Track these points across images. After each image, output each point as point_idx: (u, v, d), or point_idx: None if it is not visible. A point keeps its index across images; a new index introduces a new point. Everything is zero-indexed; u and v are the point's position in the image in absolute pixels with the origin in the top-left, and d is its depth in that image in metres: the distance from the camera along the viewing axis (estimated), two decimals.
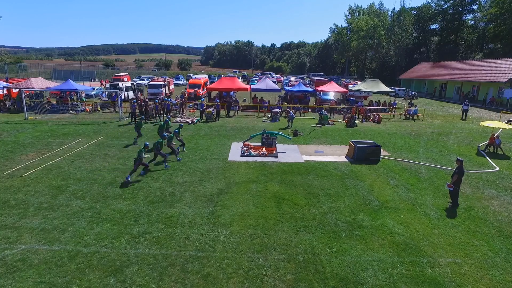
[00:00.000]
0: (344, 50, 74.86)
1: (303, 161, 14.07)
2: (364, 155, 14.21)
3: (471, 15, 55.54)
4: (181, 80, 53.90)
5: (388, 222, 8.86)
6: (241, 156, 14.44)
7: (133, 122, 20.73)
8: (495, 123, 17.26)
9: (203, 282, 6.26)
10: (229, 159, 14.11)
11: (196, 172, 12.38)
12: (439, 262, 7.09)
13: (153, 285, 6.11)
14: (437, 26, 61.46)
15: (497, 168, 13.72)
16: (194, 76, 42.61)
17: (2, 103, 25.94)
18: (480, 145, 17.28)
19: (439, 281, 6.46)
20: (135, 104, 21.00)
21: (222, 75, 50.64)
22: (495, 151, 16.08)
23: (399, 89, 42.42)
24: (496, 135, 16.78)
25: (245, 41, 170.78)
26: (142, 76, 54.27)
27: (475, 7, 54.14)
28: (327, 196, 10.43)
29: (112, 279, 6.26)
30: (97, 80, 53.33)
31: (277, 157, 14.42)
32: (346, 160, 14.38)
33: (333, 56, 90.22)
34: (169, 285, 6.13)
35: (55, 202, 9.55)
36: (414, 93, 41.67)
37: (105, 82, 44.68)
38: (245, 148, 15.18)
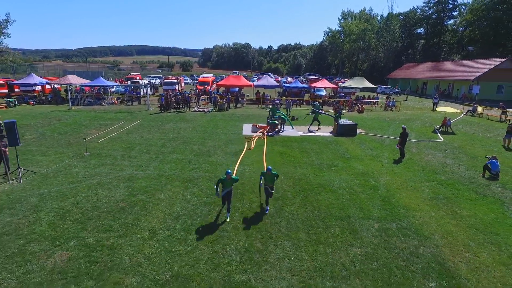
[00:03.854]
0: (338, 52, 79.93)
1: (299, 135, 18.81)
2: (344, 131, 18.97)
3: (452, 21, 60.99)
4: (187, 80, 58.53)
5: (354, 164, 13.56)
6: (252, 131, 19.15)
7: (162, 112, 25.33)
8: (446, 108, 22.17)
9: (242, 187, 10.90)
10: (243, 134, 18.81)
11: (221, 140, 17.05)
12: (379, 179, 11.81)
13: (214, 186, 10.74)
14: (422, 30, 66.77)
15: (442, 139, 18.58)
16: (203, 75, 47.32)
17: (44, 97, 30.33)
18: (437, 126, 22.09)
19: (376, 186, 11.16)
20: (163, 97, 25.67)
21: (224, 76, 55.45)
22: (446, 130, 20.90)
23: (385, 87, 47.42)
24: (448, 118, 21.63)
25: (243, 43, 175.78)
26: (151, 76, 58.80)
27: (455, 13, 59.59)
28: (315, 153, 15.14)
29: (189, 184, 10.89)
30: (111, 79, 57.57)
31: (279, 133, 19.15)
32: (331, 135, 19.14)
33: (327, 58, 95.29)
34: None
35: (131, 154, 14.15)
36: (398, 90, 46.66)
37: (120, 81, 49.08)
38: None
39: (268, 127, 19.70)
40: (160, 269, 6.37)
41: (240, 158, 13.78)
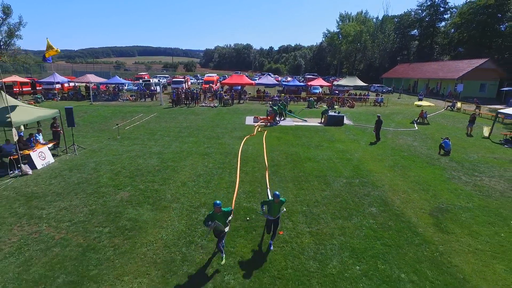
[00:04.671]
0: (336, 53, 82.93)
1: (294, 125, 21.96)
2: (333, 121, 22.09)
3: (444, 23, 64.04)
4: (192, 79, 61.75)
5: (337, 145, 16.69)
6: (253, 122, 22.31)
7: (173, 107, 28.48)
8: (422, 102, 25.26)
9: (246, 158, 14.03)
10: (246, 123, 21.97)
11: (228, 128, 20.20)
12: (354, 154, 14.92)
13: (224, 159, 13.87)
14: (416, 32, 69.77)
15: (416, 128, 21.68)
16: (208, 75, 50.54)
17: (66, 94, 33.55)
18: (415, 118, 25.17)
19: (351, 158, 14.27)
20: (174, 94, 28.86)
21: (226, 76, 58.70)
22: (422, 121, 23.99)
23: (378, 86, 50.48)
24: (425, 111, 24.71)
25: (244, 44, 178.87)
26: (158, 75, 62.10)
27: (446, 16, 62.65)
28: (306, 137, 18.28)
29: (205, 156, 14.04)
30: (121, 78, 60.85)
31: (277, 123, 22.30)
32: (322, 125, 22.28)
33: (326, 59, 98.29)
34: (231, 158, 13.90)
35: (155, 137, 17.31)
36: (390, 89, 49.72)
37: (130, 80, 52.27)
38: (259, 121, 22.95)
39: (269, 117, 22.81)
40: (192, 200, 9.53)
41: (243, 141, 16.96)
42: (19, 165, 11.18)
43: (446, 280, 6.27)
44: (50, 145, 13.17)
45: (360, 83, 37.54)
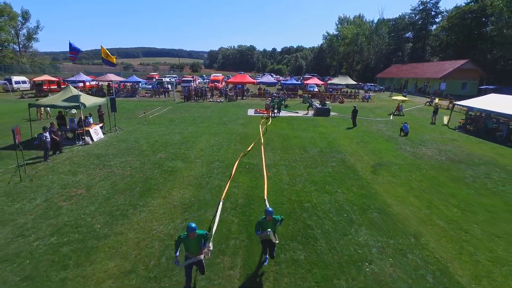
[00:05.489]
0: (335, 55, 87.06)
1: (288, 116, 26.20)
2: (320, 112, 26.29)
3: (435, 26, 67.85)
4: (199, 79, 66.33)
5: (320, 129, 20.88)
6: (254, 113, 26.58)
7: (185, 102, 32.79)
8: (399, 96, 29.34)
9: (246, 136, 18.27)
10: (248, 114, 26.25)
11: (232, 117, 24.48)
12: (331, 135, 19.11)
13: (230, 136, 18.13)
14: (410, 34, 73.69)
15: (392, 118, 25.81)
16: (214, 75, 54.98)
17: (90, 91, 38.08)
18: (393, 111, 29.25)
19: (327, 137, 18.45)
20: (186, 90, 33.23)
21: (230, 76, 63.15)
22: (398, 114, 28.07)
23: (370, 85, 54.52)
24: (401, 105, 28.78)
25: (248, 45, 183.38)
26: (167, 76, 66.70)
27: (438, 19, 66.55)
28: (296, 124, 22.49)
29: (215, 135, 18.30)
30: None
31: (275, 116, 26.55)
32: (311, 115, 26.49)
33: (326, 59, 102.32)
34: (235, 137, 18.15)
35: (174, 123, 21.63)
36: (382, 87, 53.74)
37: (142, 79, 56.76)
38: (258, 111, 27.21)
39: (265, 110, 27.04)
40: (210, 158, 13.79)
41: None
42: (83, 137, 15.55)
43: (364, 192, 10.48)
44: (101, 124, 17.56)
45: (351, 81, 41.63)
